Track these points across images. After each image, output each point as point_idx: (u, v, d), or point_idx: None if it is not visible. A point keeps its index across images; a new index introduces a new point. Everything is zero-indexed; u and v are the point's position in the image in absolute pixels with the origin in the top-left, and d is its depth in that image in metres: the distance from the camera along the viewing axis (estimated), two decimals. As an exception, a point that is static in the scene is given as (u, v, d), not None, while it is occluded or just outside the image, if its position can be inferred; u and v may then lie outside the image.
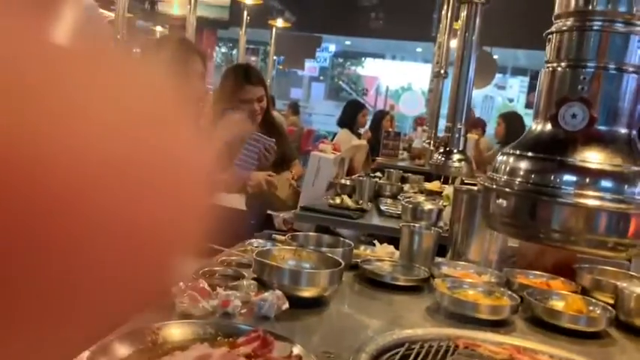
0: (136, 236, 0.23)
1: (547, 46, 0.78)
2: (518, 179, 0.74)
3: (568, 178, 0.70)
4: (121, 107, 0.23)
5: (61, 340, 0.23)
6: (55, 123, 0.20)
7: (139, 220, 0.23)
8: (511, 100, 16.17)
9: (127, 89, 0.24)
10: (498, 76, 13.92)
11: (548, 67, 0.77)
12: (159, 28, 9.72)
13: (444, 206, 2.41)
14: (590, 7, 0.72)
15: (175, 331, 0.96)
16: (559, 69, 0.75)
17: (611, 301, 1.41)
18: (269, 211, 2.89)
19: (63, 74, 0.22)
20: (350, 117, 5.66)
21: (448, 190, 2.88)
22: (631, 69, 0.72)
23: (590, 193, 0.69)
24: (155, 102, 0.25)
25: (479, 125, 6.22)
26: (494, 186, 0.77)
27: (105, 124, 0.22)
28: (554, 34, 0.76)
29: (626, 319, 1.35)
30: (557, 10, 0.76)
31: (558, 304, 1.37)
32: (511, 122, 5.32)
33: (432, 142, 4.90)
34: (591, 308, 1.35)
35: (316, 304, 1.26)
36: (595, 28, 0.72)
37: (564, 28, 0.74)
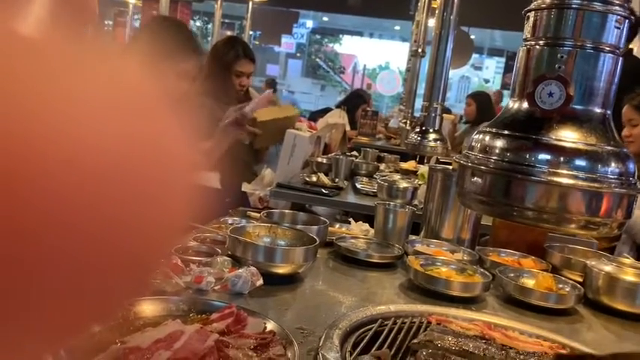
0: (122, 223, 0.22)
1: (525, 23, 0.77)
2: (494, 157, 0.74)
3: (543, 156, 0.70)
4: (94, 98, 0.22)
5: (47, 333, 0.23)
6: (25, 115, 0.20)
7: (126, 205, 0.22)
8: (487, 81, 16.30)
9: (103, 79, 0.23)
10: (475, 56, 14.01)
11: (525, 45, 0.76)
12: (132, 0, 9.50)
13: (419, 185, 2.42)
14: (569, -15, 0.71)
15: (147, 308, 0.95)
16: (537, 47, 0.74)
17: (580, 280, 1.44)
18: (244, 189, 2.88)
19: (30, 66, 0.21)
20: (350, 105, 5.77)
21: (423, 169, 2.90)
22: (607, 48, 0.72)
23: (565, 171, 0.69)
24: (132, 90, 0.24)
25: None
26: (470, 164, 0.77)
27: (75, 115, 0.21)
28: (533, 12, 0.75)
29: (593, 296, 1.38)
30: (536, -12, 0.75)
31: (529, 282, 1.39)
32: (481, 102, 5.36)
33: (408, 121, 4.92)
34: (561, 286, 1.38)
35: (290, 280, 1.26)
36: (573, 6, 0.71)
37: (543, 5, 0.74)
